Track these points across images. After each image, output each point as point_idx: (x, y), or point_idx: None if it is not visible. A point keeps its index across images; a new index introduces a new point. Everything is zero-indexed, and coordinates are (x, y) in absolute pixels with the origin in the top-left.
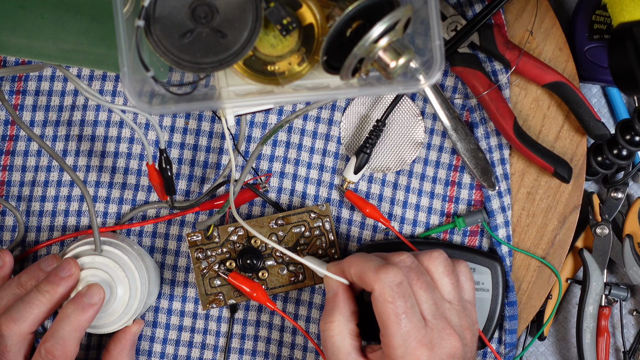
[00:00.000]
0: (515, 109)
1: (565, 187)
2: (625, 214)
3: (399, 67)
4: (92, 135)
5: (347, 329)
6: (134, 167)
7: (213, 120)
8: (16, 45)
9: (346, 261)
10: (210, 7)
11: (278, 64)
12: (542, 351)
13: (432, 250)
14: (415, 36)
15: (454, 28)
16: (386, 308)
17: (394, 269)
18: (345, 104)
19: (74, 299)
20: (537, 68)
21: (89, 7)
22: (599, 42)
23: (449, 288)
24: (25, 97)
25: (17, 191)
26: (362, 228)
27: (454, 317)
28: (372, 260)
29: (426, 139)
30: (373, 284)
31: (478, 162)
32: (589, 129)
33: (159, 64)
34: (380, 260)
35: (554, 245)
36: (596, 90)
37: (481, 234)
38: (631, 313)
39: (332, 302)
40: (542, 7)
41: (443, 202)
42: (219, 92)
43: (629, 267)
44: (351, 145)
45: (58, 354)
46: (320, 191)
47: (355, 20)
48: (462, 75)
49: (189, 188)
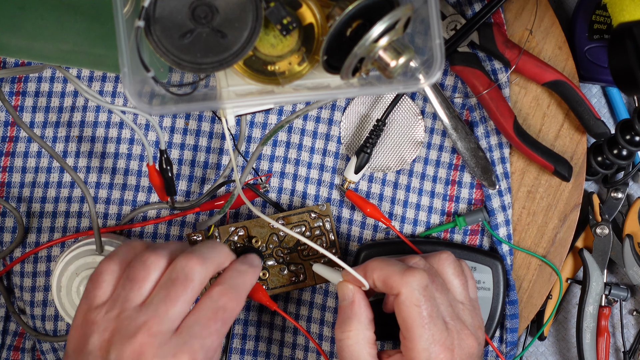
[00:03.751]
0: (515, 107)
1: (566, 186)
2: (625, 214)
3: (399, 67)
4: (92, 136)
5: (366, 338)
6: (134, 168)
7: (213, 121)
8: (16, 47)
9: (368, 266)
10: (210, 7)
11: (278, 63)
12: (542, 351)
13: (440, 252)
14: (415, 35)
15: (453, 27)
16: (413, 312)
17: (420, 272)
18: (345, 104)
19: (241, 259)
20: (537, 67)
21: (89, 7)
22: (599, 42)
23: (460, 289)
24: (25, 99)
25: (17, 192)
26: (362, 228)
27: (467, 317)
28: (396, 264)
29: (426, 138)
30: (400, 288)
31: (478, 161)
32: (589, 127)
33: (159, 64)
34: (403, 264)
35: (555, 244)
36: (596, 90)
37: (482, 233)
38: (631, 313)
39: (348, 310)
40: (541, 5)
41: (443, 201)
42: (219, 93)
43: (629, 267)
44: (351, 145)
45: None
46: (321, 191)
47: (356, 19)
48: (462, 74)
49: (189, 189)
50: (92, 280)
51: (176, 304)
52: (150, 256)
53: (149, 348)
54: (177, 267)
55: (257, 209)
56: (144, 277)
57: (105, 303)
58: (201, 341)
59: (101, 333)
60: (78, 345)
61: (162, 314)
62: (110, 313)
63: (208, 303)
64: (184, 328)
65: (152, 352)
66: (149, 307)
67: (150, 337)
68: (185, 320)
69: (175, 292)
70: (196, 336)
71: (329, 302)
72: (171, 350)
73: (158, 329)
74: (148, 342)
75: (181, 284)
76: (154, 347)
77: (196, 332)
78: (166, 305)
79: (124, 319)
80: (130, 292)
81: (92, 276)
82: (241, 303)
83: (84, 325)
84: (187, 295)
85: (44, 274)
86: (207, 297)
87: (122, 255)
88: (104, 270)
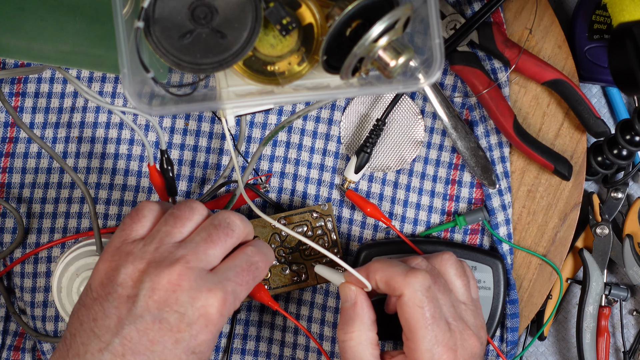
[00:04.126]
0: (515, 107)
1: (566, 185)
2: (625, 214)
3: (398, 66)
4: (92, 136)
5: (369, 339)
6: (134, 168)
7: (213, 121)
8: (15, 48)
9: (370, 267)
10: (209, 7)
11: (278, 64)
12: (542, 351)
13: (442, 253)
14: (415, 35)
15: (453, 27)
16: (416, 313)
17: (422, 273)
18: (345, 104)
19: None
20: (537, 66)
21: (89, 8)
22: (599, 42)
23: (462, 290)
24: (24, 99)
25: (17, 193)
26: (363, 227)
27: (470, 318)
28: (398, 265)
29: (426, 137)
30: (403, 289)
31: (478, 161)
32: (589, 126)
33: (159, 65)
34: (405, 265)
35: (555, 243)
36: (596, 90)
37: (482, 232)
38: (631, 313)
39: (351, 311)
40: (541, 4)
41: (444, 200)
42: (218, 93)
43: (629, 267)
44: (351, 145)
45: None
46: (321, 191)
47: (355, 19)
48: (462, 73)
49: (189, 189)
50: (131, 215)
51: (215, 246)
52: (198, 203)
53: (186, 279)
54: (219, 217)
55: (259, 209)
56: (189, 217)
57: (143, 237)
58: (233, 286)
59: (136, 263)
60: (106, 278)
61: (201, 252)
62: (149, 246)
63: (243, 256)
64: (220, 270)
65: (188, 284)
66: (189, 243)
67: (188, 270)
68: (221, 264)
69: (217, 235)
70: (230, 279)
71: (329, 302)
72: (207, 284)
73: (196, 264)
74: (185, 274)
75: (223, 230)
76: (190, 279)
77: (230, 276)
78: (206, 244)
79: (163, 251)
80: (172, 228)
81: (132, 212)
82: (265, 271)
83: (115, 256)
84: (226, 242)
85: (44, 275)
86: (242, 252)
87: (162, 203)
88: (144, 207)
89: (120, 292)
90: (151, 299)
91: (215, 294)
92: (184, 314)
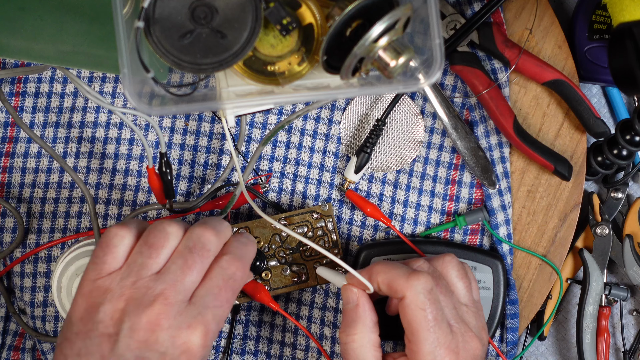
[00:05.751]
0: (515, 107)
1: (566, 185)
2: (625, 214)
3: (398, 66)
4: (92, 136)
5: (371, 341)
6: (134, 168)
7: (213, 121)
8: (15, 48)
9: (372, 269)
10: (209, 7)
11: (278, 64)
12: (542, 351)
13: (444, 255)
14: (415, 35)
15: (453, 27)
16: (418, 315)
17: (424, 275)
18: (345, 104)
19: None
20: (537, 66)
21: (89, 8)
22: (599, 42)
23: (464, 291)
24: (24, 99)
25: (17, 193)
26: (363, 227)
27: (471, 320)
28: (400, 267)
29: (426, 137)
30: (405, 291)
31: (478, 161)
32: (589, 127)
33: (159, 65)
34: (407, 267)
35: (555, 243)
36: (596, 90)
37: (482, 233)
38: (631, 313)
39: (353, 313)
40: (541, 5)
41: (444, 200)
42: (218, 93)
43: (629, 267)
44: (351, 145)
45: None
46: (321, 191)
47: (355, 19)
48: (462, 73)
49: (189, 189)
50: (102, 246)
51: (192, 272)
52: (170, 224)
53: (165, 318)
54: (193, 237)
55: (260, 210)
56: (163, 245)
57: (119, 269)
58: (213, 311)
59: (115, 301)
60: (86, 314)
61: (179, 283)
62: (126, 280)
63: (218, 272)
64: (197, 298)
65: (167, 323)
66: (166, 275)
67: (167, 307)
68: (198, 290)
69: (193, 260)
70: (209, 306)
71: (329, 302)
72: (186, 320)
73: (175, 298)
74: (164, 312)
75: (198, 253)
76: (169, 318)
77: (209, 302)
78: (183, 273)
79: (141, 287)
80: (148, 259)
81: (102, 242)
82: (246, 274)
83: (94, 292)
84: (202, 264)
85: (44, 275)
86: (217, 265)
87: (131, 224)
88: (114, 236)
89: (102, 330)
90: (132, 339)
91: (195, 330)
92: (165, 352)
